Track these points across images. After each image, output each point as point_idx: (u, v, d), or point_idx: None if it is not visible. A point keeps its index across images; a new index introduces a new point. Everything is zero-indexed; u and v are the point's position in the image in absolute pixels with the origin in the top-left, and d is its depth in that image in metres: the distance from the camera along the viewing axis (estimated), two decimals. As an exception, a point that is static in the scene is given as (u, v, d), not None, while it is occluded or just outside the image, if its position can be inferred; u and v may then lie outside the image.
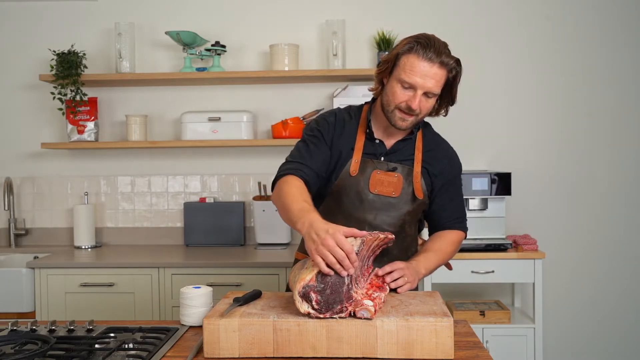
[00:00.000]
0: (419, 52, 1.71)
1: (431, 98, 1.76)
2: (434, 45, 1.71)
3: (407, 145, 1.88)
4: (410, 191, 1.84)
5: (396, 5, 3.37)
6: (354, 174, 1.83)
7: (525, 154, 3.37)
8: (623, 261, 3.37)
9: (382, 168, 1.84)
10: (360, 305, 1.43)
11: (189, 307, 1.72)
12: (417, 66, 1.71)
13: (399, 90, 1.74)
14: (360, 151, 1.85)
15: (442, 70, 1.73)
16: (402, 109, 1.75)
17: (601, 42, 3.34)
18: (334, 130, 1.87)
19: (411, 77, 1.71)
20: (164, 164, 3.48)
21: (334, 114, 1.92)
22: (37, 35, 3.45)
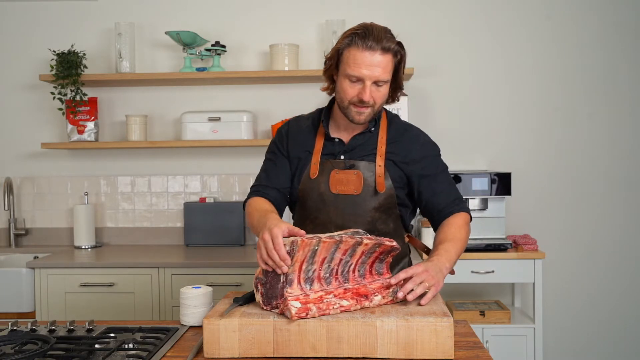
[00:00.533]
0: (358, 43, 1.69)
1: (382, 86, 1.74)
2: (372, 33, 1.69)
3: (369, 140, 1.85)
4: (372, 186, 1.81)
5: (396, 6, 3.37)
6: (313, 176, 1.83)
7: (525, 154, 3.37)
8: (623, 261, 3.37)
9: (340, 167, 1.82)
10: (285, 304, 1.44)
11: (189, 307, 1.72)
12: (360, 58, 1.69)
13: (348, 86, 1.73)
14: (318, 153, 1.85)
15: (386, 55, 1.70)
16: (355, 103, 1.74)
17: (601, 42, 3.34)
18: (287, 140, 1.91)
19: (356, 70, 1.70)
20: (164, 164, 3.48)
21: (287, 124, 1.96)
22: (37, 35, 3.45)
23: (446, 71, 3.38)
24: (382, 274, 1.63)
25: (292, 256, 1.46)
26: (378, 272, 1.63)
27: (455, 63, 3.37)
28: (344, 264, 1.56)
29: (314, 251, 1.49)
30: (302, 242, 1.46)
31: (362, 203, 1.82)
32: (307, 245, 1.47)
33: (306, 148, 1.87)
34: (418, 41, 3.35)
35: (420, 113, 3.35)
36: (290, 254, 1.46)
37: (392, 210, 1.86)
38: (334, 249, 1.52)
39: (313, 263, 1.50)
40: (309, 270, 1.50)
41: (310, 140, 1.88)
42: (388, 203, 1.83)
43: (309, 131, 1.90)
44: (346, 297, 1.51)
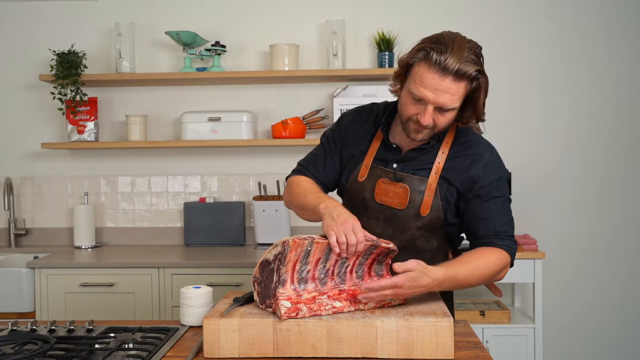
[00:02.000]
0: (432, 60, 1.49)
1: (447, 112, 1.55)
2: (452, 50, 1.47)
3: (428, 153, 1.68)
4: (418, 205, 1.65)
5: (396, 5, 3.37)
6: (361, 179, 1.73)
7: (525, 153, 3.37)
8: (623, 261, 3.37)
9: (389, 177, 1.69)
10: (276, 304, 1.45)
11: (189, 307, 1.72)
12: (427, 78, 1.49)
13: (410, 102, 1.57)
14: (371, 156, 1.73)
15: (459, 82, 1.49)
16: (414, 121, 1.59)
17: (602, 42, 3.34)
18: (346, 130, 1.79)
19: (420, 90, 1.52)
20: (164, 164, 3.48)
21: (352, 114, 1.82)
22: (37, 35, 3.45)
23: (446, 71, 3.37)
24: (382, 276, 1.60)
25: (285, 256, 1.45)
26: (377, 274, 1.60)
27: (455, 63, 3.37)
28: (340, 265, 1.54)
29: (307, 252, 1.48)
30: (293, 242, 1.45)
31: (404, 218, 1.69)
32: (300, 246, 1.46)
33: (362, 147, 1.75)
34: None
35: (420, 113, 3.35)
36: (282, 254, 1.45)
37: (437, 230, 1.71)
38: (328, 249, 1.50)
39: (307, 263, 1.50)
40: (303, 270, 1.50)
41: (367, 139, 1.75)
42: (433, 224, 1.69)
43: (369, 128, 1.76)
44: (340, 299, 1.50)
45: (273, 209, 3.17)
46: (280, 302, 1.44)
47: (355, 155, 1.76)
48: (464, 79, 1.50)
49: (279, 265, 1.47)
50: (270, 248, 1.51)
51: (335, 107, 3.17)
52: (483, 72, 1.53)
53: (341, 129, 1.81)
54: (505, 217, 1.67)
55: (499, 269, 1.63)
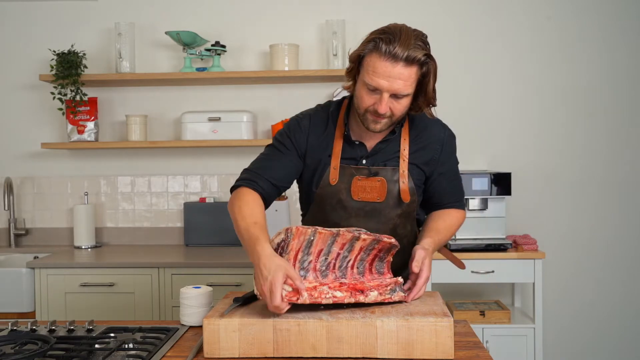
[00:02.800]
0: (382, 49, 1.54)
1: (402, 98, 1.60)
2: (400, 38, 1.53)
3: (392, 143, 1.74)
4: (396, 194, 1.72)
5: (396, 5, 3.37)
6: (333, 182, 1.72)
7: (525, 154, 3.37)
8: (623, 261, 3.37)
9: (363, 174, 1.72)
10: None
11: (189, 307, 1.72)
12: (380, 67, 1.54)
13: (365, 94, 1.61)
14: (338, 157, 1.73)
15: (410, 67, 1.55)
16: (371, 112, 1.62)
17: (602, 42, 3.34)
18: (307, 137, 1.76)
19: (374, 80, 1.56)
20: (164, 164, 3.48)
21: (309, 117, 1.79)
22: (37, 35, 3.45)
23: (446, 71, 3.36)
24: (383, 273, 1.62)
25: (287, 244, 1.47)
26: (379, 272, 1.61)
27: (455, 63, 3.37)
28: (342, 259, 1.55)
29: (310, 241, 1.49)
30: (296, 230, 1.46)
31: (384, 210, 1.74)
32: (302, 234, 1.47)
33: (326, 150, 1.75)
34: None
35: (420, 113, 3.35)
36: (285, 241, 1.47)
37: (412, 215, 1.80)
38: (330, 241, 1.51)
39: (309, 254, 1.51)
40: (305, 260, 1.51)
41: (330, 141, 1.75)
42: (411, 209, 1.77)
43: (329, 131, 1.76)
44: (341, 290, 1.50)
45: (273, 209, 3.17)
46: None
47: (322, 160, 1.75)
48: (414, 64, 1.56)
49: (281, 253, 1.48)
50: (273, 237, 1.51)
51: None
52: (431, 56, 1.60)
53: (302, 133, 1.77)
54: (460, 182, 1.87)
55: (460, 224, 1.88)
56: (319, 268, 1.53)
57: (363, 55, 1.60)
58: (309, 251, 1.50)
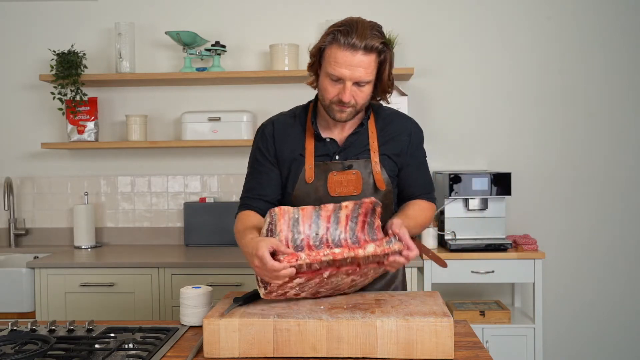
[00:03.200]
0: (340, 40, 1.62)
1: (364, 86, 1.67)
2: (357, 30, 1.62)
3: (361, 136, 1.79)
4: (371, 184, 1.76)
5: (396, 5, 3.37)
6: (310, 181, 1.75)
7: (525, 154, 3.37)
8: (623, 261, 3.37)
9: (338, 168, 1.76)
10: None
11: (189, 307, 1.72)
12: (341, 57, 1.62)
13: (329, 84, 1.67)
14: (311, 155, 1.77)
15: (369, 55, 1.63)
16: (336, 102, 1.68)
17: (602, 42, 3.34)
18: (273, 142, 1.81)
19: (336, 70, 1.63)
20: (164, 164, 3.48)
21: (272, 123, 1.85)
22: (37, 35, 3.45)
23: (446, 71, 3.38)
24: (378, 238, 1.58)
25: (275, 226, 1.50)
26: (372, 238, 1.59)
27: (455, 63, 3.37)
28: (332, 232, 1.55)
29: (296, 219, 1.52)
30: (279, 210, 1.50)
31: None
32: (286, 212, 1.51)
33: (298, 151, 1.79)
34: (418, 41, 3.35)
35: (420, 113, 3.35)
36: (272, 223, 1.50)
37: (390, 207, 1.83)
38: (315, 215, 1.54)
39: (299, 232, 1.52)
40: (297, 239, 1.52)
41: (300, 141, 1.80)
42: (387, 199, 1.80)
43: (297, 132, 1.81)
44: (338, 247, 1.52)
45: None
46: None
47: (296, 160, 1.79)
48: (372, 51, 1.64)
49: (272, 237, 1.50)
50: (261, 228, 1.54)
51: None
52: (387, 45, 1.68)
53: (268, 142, 1.82)
54: (429, 177, 1.90)
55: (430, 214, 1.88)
56: (313, 244, 1.53)
57: (323, 48, 1.68)
58: (298, 229, 1.52)
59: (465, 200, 3.08)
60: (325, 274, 1.51)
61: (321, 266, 1.49)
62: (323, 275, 1.51)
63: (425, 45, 3.36)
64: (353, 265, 1.52)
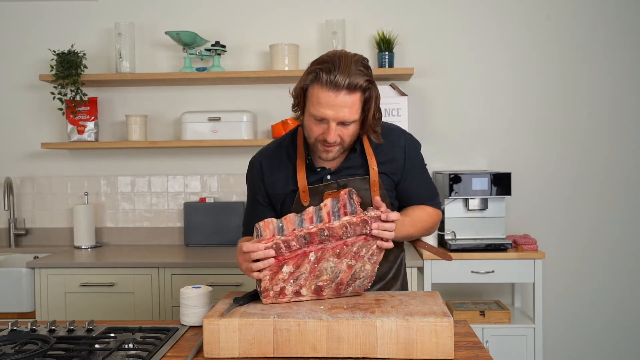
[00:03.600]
0: (323, 79, 1.55)
1: (350, 125, 1.61)
2: (339, 67, 1.54)
3: (355, 159, 1.75)
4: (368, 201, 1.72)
5: (396, 5, 3.37)
6: (306, 203, 1.73)
7: (525, 154, 3.37)
8: (623, 261, 3.37)
9: (333, 188, 1.72)
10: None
11: (188, 307, 1.72)
12: (323, 97, 1.56)
13: (313, 124, 1.62)
14: (303, 181, 1.73)
15: (353, 94, 1.56)
16: (321, 142, 1.64)
17: (602, 42, 3.34)
18: (262, 181, 1.80)
19: (319, 111, 1.58)
20: (164, 164, 3.48)
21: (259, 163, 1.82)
22: (37, 35, 3.45)
23: (446, 71, 3.38)
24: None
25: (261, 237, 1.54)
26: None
27: (455, 63, 3.37)
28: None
29: (280, 227, 1.55)
30: (263, 223, 1.55)
31: None
32: (270, 223, 1.55)
33: (290, 185, 1.76)
34: (418, 41, 3.35)
35: (420, 113, 3.35)
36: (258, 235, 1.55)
37: None
38: (298, 219, 1.56)
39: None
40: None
41: (291, 174, 1.76)
42: None
43: (286, 165, 1.78)
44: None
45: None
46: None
47: (289, 193, 1.77)
48: (356, 90, 1.57)
49: None
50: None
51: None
52: (373, 82, 1.61)
53: (257, 177, 1.82)
54: (431, 182, 1.87)
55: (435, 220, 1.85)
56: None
57: (306, 87, 1.62)
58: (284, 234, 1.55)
59: (465, 200, 3.08)
60: (312, 257, 1.53)
61: (300, 244, 1.51)
62: (309, 257, 1.53)
63: (425, 45, 3.36)
64: (335, 239, 1.53)
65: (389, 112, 3.16)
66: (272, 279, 1.53)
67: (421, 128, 3.33)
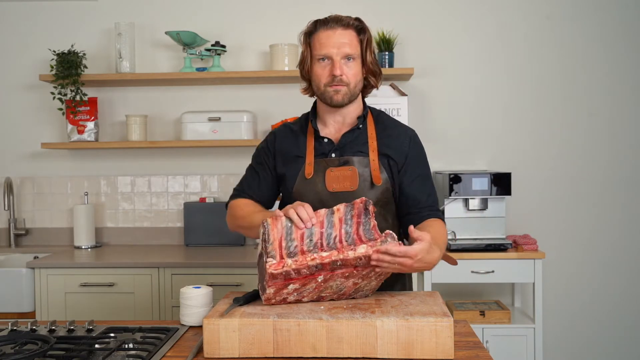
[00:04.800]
0: (320, 26, 1.81)
1: (352, 61, 1.78)
2: (333, 17, 1.82)
3: (359, 137, 1.84)
4: (368, 180, 1.79)
5: (396, 5, 3.37)
6: (309, 176, 1.81)
7: (525, 154, 3.37)
8: (623, 261, 3.37)
9: (334, 164, 1.81)
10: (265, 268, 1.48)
11: (189, 307, 1.72)
12: (324, 38, 1.78)
13: (320, 68, 1.78)
14: (311, 154, 1.84)
15: (348, 30, 1.80)
16: (329, 83, 1.77)
17: (601, 42, 3.34)
18: (274, 147, 1.91)
19: (322, 49, 1.77)
20: (164, 164, 3.48)
21: (274, 134, 1.94)
22: (37, 35, 3.45)
23: (446, 71, 3.38)
24: (375, 239, 1.52)
25: (268, 235, 1.51)
26: (369, 238, 1.53)
27: (455, 63, 3.37)
28: (327, 237, 1.53)
29: (289, 228, 1.52)
30: (272, 219, 1.52)
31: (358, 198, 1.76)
32: (278, 221, 1.52)
33: (297, 153, 1.86)
34: (418, 41, 3.35)
35: (420, 113, 3.35)
36: (265, 233, 1.51)
37: (389, 206, 1.84)
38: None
39: (292, 240, 1.52)
40: (290, 246, 1.51)
41: (301, 143, 1.87)
42: (385, 197, 1.81)
43: (297, 135, 1.89)
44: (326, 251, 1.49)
45: (273, 209, 3.18)
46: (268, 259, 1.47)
47: (296, 160, 1.86)
48: (350, 27, 1.81)
49: (265, 246, 1.51)
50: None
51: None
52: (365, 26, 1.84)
53: (268, 146, 1.93)
54: (433, 191, 1.89)
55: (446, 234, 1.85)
56: (307, 249, 1.51)
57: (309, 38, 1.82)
58: (292, 237, 1.52)
59: (465, 200, 3.08)
60: (320, 279, 1.50)
61: (310, 272, 1.48)
62: (317, 279, 1.51)
63: (425, 45, 3.36)
64: (347, 267, 1.49)
65: (389, 112, 3.16)
66: (276, 292, 1.52)
67: (421, 128, 3.33)
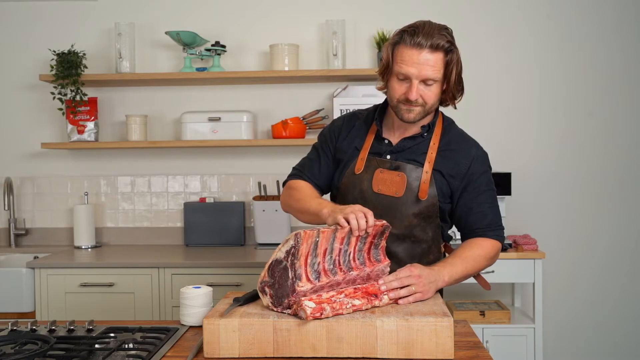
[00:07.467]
0: (407, 40, 1.67)
1: (432, 85, 1.70)
2: (423, 30, 1.66)
3: (420, 145, 1.80)
4: (415, 192, 1.75)
5: (396, 5, 3.37)
6: (358, 172, 1.81)
7: (525, 154, 3.37)
8: (623, 261, 3.37)
9: (385, 166, 1.78)
10: (299, 305, 1.44)
11: (189, 307, 1.72)
12: (407, 55, 1.67)
13: (396, 84, 1.72)
14: (366, 150, 1.82)
15: (435, 53, 1.67)
16: (403, 102, 1.72)
17: (601, 41, 3.34)
18: (338, 133, 1.89)
19: (403, 68, 1.68)
20: (164, 164, 3.48)
21: (343, 119, 1.93)
22: (37, 35, 3.45)
23: (446, 71, 3.38)
24: (381, 260, 1.65)
25: (297, 250, 1.47)
26: (376, 260, 1.65)
27: (455, 63, 3.37)
28: (343, 254, 1.58)
29: (316, 243, 1.51)
30: (304, 233, 1.48)
31: (401, 207, 1.77)
32: (310, 237, 1.49)
33: (355, 144, 1.85)
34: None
35: (420, 113, 3.35)
36: (295, 247, 1.47)
37: (432, 220, 1.81)
38: (332, 238, 1.55)
39: (316, 256, 1.52)
40: (314, 263, 1.52)
41: (361, 137, 1.86)
42: (429, 211, 1.78)
43: (361, 128, 1.88)
44: (357, 297, 1.52)
45: (273, 209, 3.18)
46: (304, 303, 1.43)
47: (350, 152, 1.85)
48: (438, 50, 1.67)
49: (292, 261, 1.48)
50: (279, 247, 1.51)
51: (335, 107, 3.17)
52: (455, 46, 1.71)
53: (334, 131, 1.91)
54: (495, 209, 1.83)
55: (493, 257, 1.81)
56: (328, 268, 1.55)
57: (392, 48, 1.71)
58: (316, 253, 1.52)
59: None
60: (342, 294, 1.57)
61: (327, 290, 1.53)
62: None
63: (425, 45, 3.36)
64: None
65: (389, 112, 3.16)
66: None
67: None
